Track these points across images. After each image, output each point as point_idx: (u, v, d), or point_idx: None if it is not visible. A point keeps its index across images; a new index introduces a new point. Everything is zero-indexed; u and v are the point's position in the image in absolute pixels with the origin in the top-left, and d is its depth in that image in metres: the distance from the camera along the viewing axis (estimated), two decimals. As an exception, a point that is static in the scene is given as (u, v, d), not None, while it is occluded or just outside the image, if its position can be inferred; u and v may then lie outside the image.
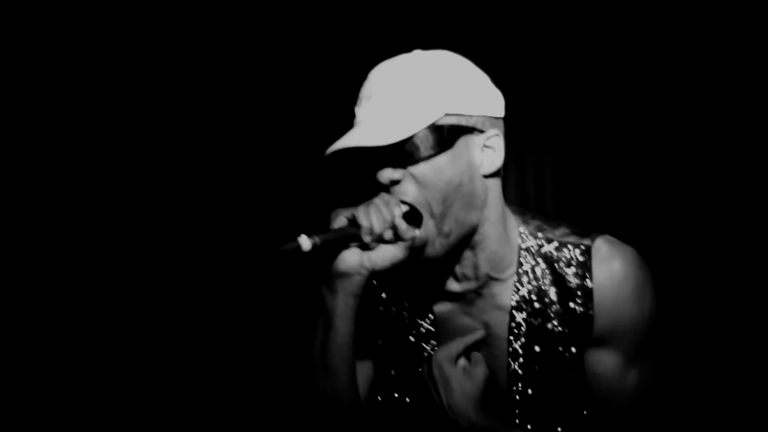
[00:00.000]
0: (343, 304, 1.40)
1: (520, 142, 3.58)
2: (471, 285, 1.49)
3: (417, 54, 1.46)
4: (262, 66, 3.29)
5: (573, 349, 1.45)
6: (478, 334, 1.49)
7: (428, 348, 1.55)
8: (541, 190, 3.60)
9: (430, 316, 1.54)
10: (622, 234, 3.45)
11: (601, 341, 1.44)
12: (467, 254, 1.46)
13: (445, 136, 1.38)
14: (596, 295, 1.43)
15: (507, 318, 1.47)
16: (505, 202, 1.51)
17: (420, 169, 1.38)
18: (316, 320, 1.44)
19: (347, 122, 1.48)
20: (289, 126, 3.31)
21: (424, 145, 1.36)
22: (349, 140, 1.37)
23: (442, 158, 1.38)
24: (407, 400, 1.57)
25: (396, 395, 1.57)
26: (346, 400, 1.46)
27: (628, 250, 1.46)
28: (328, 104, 3.18)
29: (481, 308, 1.50)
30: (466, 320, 1.51)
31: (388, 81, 1.40)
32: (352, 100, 1.49)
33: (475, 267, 1.47)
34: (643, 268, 1.46)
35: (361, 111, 1.42)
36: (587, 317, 1.43)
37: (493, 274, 1.48)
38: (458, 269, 1.48)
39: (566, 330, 1.45)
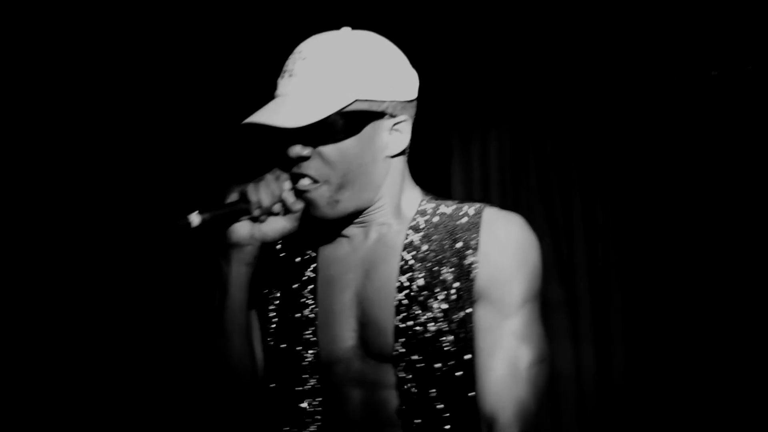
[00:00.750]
0: (236, 272, 1.53)
1: (465, 126, 3.56)
2: (360, 230, 1.59)
3: (345, 34, 1.53)
4: (175, 40, 3.26)
5: (457, 285, 1.53)
6: None
7: (308, 295, 1.61)
8: (486, 176, 3.58)
9: (314, 265, 1.63)
10: (566, 221, 3.37)
11: (482, 294, 1.52)
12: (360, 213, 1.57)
13: (354, 121, 1.49)
14: (482, 239, 1.52)
15: (396, 257, 1.56)
16: (410, 180, 1.61)
17: (327, 149, 1.48)
18: (214, 288, 1.55)
19: (258, 98, 1.54)
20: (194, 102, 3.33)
21: (335, 128, 1.47)
22: (266, 117, 1.46)
23: (350, 141, 1.49)
24: (283, 346, 1.61)
25: (273, 343, 1.63)
26: (240, 361, 1.58)
27: (517, 216, 1.57)
28: (237, 79, 3.16)
29: (370, 249, 1.59)
30: (350, 260, 1.60)
31: (312, 61, 1.48)
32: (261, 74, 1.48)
33: (366, 222, 1.58)
34: (529, 232, 1.55)
35: (283, 84, 1.51)
36: (471, 257, 1.52)
37: (386, 222, 1.58)
38: (348, 219, 1.58)
39: (451, 269, 1.53)
